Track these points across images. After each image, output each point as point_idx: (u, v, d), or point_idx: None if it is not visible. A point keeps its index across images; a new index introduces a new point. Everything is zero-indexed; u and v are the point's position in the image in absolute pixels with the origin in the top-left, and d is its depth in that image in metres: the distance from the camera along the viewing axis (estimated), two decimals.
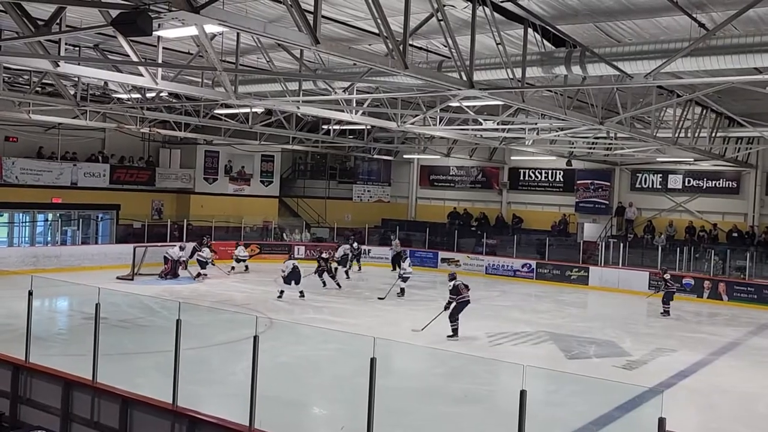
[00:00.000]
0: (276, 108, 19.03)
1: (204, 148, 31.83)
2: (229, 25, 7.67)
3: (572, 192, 31.37)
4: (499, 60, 11.73)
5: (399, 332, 16.17)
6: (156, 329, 15.10)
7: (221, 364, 12.86)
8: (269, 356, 12.26)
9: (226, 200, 32.29)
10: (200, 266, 23.80)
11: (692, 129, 20.03)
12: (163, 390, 8.30)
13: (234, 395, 9.79)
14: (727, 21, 9.25)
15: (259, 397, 7.80)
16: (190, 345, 10.25)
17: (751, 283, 23.29)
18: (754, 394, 12.41)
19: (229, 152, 32.51)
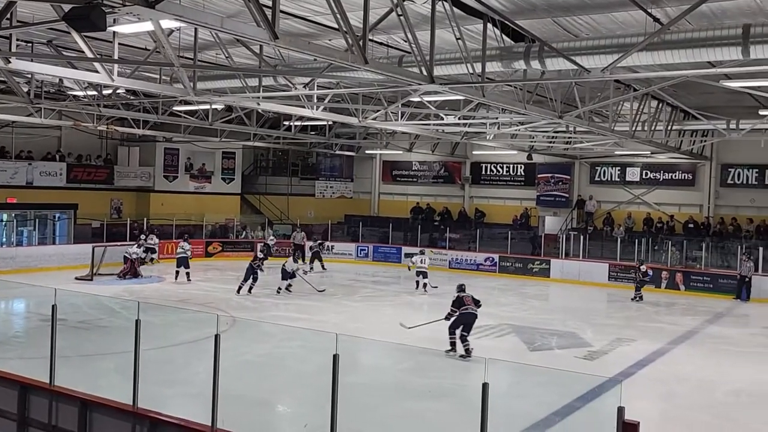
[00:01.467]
0: (236, 104, 18.83)
1: (163, 145, 31.39)
2: (186, 20, 7.56)
3: (533, 186, 31.70)
4: (459, 55, 11.78)
5: (364, 328, 16.18)
6: (116, 330, 14.83)
7: (184, 364, 12.70)
8: (233, 355, 12.16)
9: (187, 198, 31.92)
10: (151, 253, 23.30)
11: (649, 122, 20.38)
12: (123, 391, 8.16)
13: (197, 395, 9.67)
14: (680, 16, 9.40)
15: (223, 397, 7.71)
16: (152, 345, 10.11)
17: (707, 273, 23.82)
18: (712, 381, 12.69)
19: (189, 149, 32.11)
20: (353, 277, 26.14)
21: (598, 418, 8.91)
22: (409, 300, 21.09)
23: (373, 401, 10.40)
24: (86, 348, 13.17)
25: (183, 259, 22.82)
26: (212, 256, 29.28)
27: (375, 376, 11.92)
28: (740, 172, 27.07)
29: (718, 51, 10.02)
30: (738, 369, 13.63)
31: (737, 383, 12.59)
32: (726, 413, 10.91)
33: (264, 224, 32.51)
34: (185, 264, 22.74)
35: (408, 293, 22.30)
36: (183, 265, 22.70)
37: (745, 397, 11.80)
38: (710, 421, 10.47)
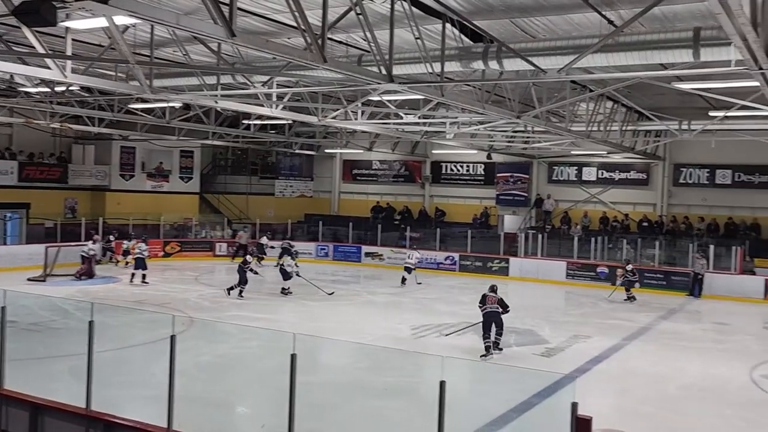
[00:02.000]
0: (194, 102, 18.62)
1: (120, 143, 30.89)
2: (140, 16, 7.45)
3: (493, 185, 32.00)
4: (418, 54, 11.83)
5: (323, 328, 16.14)
6: (69, 332, 14.53)
7: (140, 366, 12.51)
8: (190, 356, 12.06)
9: (144, 197, 31.44)
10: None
11: (604, 123, 20.73)
12: (76, 395, 8.02)
13: (153, 397, 9.51)
14: (633, 18, 9.59)
15: (181, 398, 7.64)
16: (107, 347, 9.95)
17: (661, 270, 24.34)
18: (665, 376, 12.96)
19: (146, 148, 31.64)
20: (313, 276, 25.98)
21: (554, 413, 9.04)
22: (368, 299, 21.11)
23: (332, 400, 10.39)
24: (38, 351, 12.88)
25: (140, 260, 22.38)
26: (170, 256, 28.88)
27: (334, 376, 11.90)
28: (692, 171, 27.72)
29: (670, 53, 10.25)
30: (689, 364, 13.95)
31: (688, 377, 12.89)
32: (677, 407, 11.16)
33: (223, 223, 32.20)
34: (142, 266, 22.29)
35: (368, 292, 22.33)
36: (140, 267, 22.26)
37: (696, 390, 12.08)
38: (662, 414, 10.70)
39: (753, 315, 20.50)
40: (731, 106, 16.47)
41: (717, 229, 26.68)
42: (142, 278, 21.97)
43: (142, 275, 22.02)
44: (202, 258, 28.93)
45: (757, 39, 7.69)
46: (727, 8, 6.46)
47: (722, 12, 6.57)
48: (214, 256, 29.55)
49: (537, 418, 9.48)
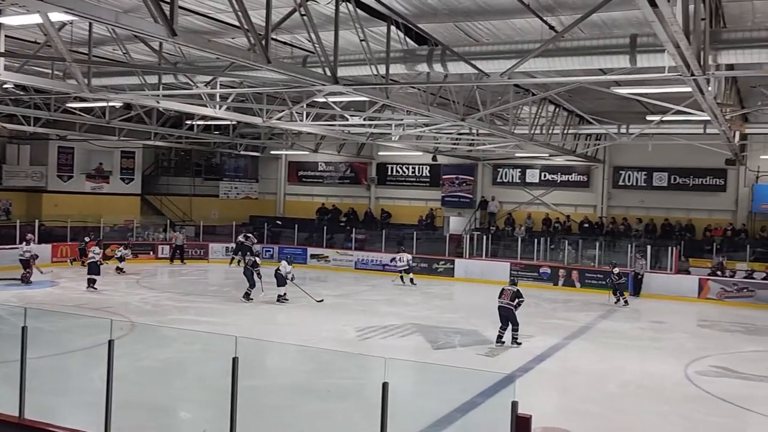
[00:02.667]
0: (135, 102, 18.25)
1: (57, 143, 30.05)
2: (77, 13, 7.26)
3: (438, 187, 32.26)
4: (363, 56, 11.84)
5: (268, 331, 16.01)
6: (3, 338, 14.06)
7: (78, 372, 12.20)
8: (131, 360, 11.81)
9: (84, 199, 30.65)
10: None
11: (546, 126, 21.12)
12: (9, 402, 7.76)
13: (92, 403, 9.27)
14: (573, 24, 9.79)
15: (121, 404, 7.47)
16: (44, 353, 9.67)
17: (601, 270, 24.89)
18: (604, 374, 13.27)
19: (85, 148, 30.83)
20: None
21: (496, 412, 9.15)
22: (313, 301, 21.00)
23: (276, 403, 10.32)
24: None
25: (92, 264, 21.50)
26: (110, 259, 28.18)
27: (278, 379, 11.82)
28: (630, 174, 28.52)
29: (608, 59, 10.50)
30: (628, 361, 14.30)
31: (627, 375, 13.22)
32: (616, 404, 11.44)
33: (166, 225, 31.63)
34: (95, 271, 21.38)
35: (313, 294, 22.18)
36: (92, 272, 21.38)
37: (634, 388, 12.39)
38: (601, 412, 10.95)
39: (688, 313, 21.16)
40: (667, 110, 16.98)
41: (654, 230, 27.48)
42: (88, 283, 21.04)
43: (90, 280, 21.09)
44: (144, 261, 28.35)
45: (689, 47, 7.95)
46: (660, 17, 6.66)
47: (656, 20, 6.77)
48: (156, 258, 28.98)
49: (480, 417, 9.59)
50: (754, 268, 23.71)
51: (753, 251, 24.84)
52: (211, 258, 29.54)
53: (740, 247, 25.32)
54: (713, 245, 25.62)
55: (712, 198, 27.33)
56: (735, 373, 13.59)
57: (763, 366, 14.20)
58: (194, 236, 30.72)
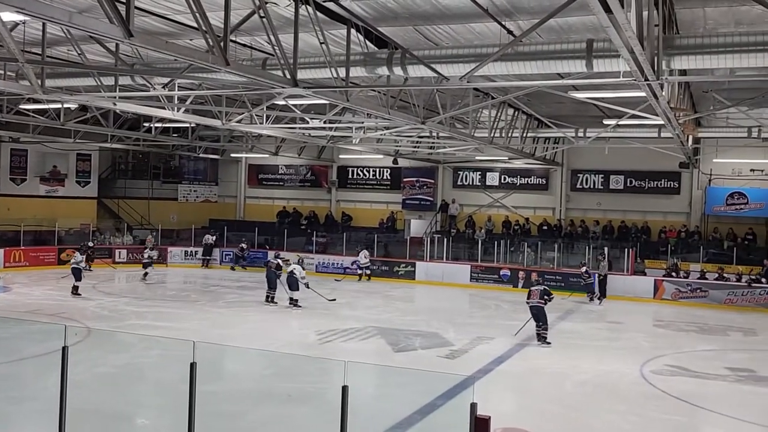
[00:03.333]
0: (91, 104, 17.92)
1: (9, 146, 29.28)
2: (29, 13, 7.11)
3: (399, 189, 32.35)
4: (323, 59, 11.82)
5: (228, 335, 15.86)
6: None
7: (32, 379, 11.94)
8: (87, 367, 11.62)
9: (38, 202, 29.93)
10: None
11: (506, 129, 21.34)
12: None
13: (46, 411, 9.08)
14: (531, 29, 9.92)
15: (77, 411, 7.34)
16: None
17: (559, 272, 25.25)
18: (562, 374, 13.44)
19: (39, 151, 30.12)
20: (217, 282, 25.57)
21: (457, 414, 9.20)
22: (275, 306, 20.88)
23: (237, 408, 10.22)
24: None
25: (75, 270, 21.11)
26: (66, 264, 27.62)
27: (238, 383, 11.72)
28: (588, 177, 28.99)
29: (565, 63, 10.65)
30: (585, 361, 14.52)
31: (585, 374, 13.41)
32: (574, 403, 11.60)
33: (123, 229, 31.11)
34: (76, 276, 21.00)
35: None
36: (75, 278, 21.00)
37: (590, 387, 12.59)
38: (559, 411, 11.09)
39: (644, 313, 21.57)
40: (622, 114, 17.29)
41: (611, 232, 27.96)
42: (72, 290, 20.73)
43: (73, 287, 20.78)
44: (101, 265, 27.84)
45: (642, 52, 8.11)
46: (615, 22, 6.79)
47: (611, 26, 6.90)
48: (113, 263, 28.49)
49: (440, 419, 9.63)
50: (707, 269, 24.28)
51: (706, 252, 25.44)
52: (170, 262, 29.15)
53: (694, 249, 25.91)
54: (668, 247, 26.16)
55: (666, 200, 27.93)
56: (689, 372, 13.90)
57: (715, 364, 14.56)
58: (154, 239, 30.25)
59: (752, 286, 22.61)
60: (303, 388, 11.65)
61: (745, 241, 26.07)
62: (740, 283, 23.01)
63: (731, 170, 26.58)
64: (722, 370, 14.05)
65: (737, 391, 12.73)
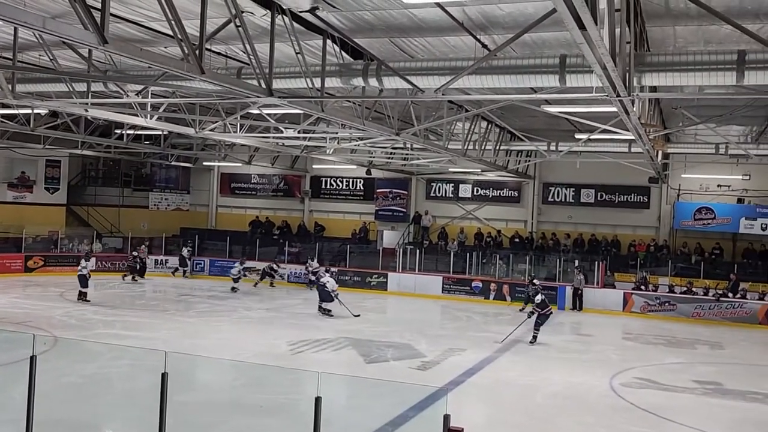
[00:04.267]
0: (62, 110, 17.71)
1: None
2: (2, 17, 7.01)
3: (372, 200, 32.38)
4: (298, 69, 11.82)
5: (199, 345, 15.70)
6: None
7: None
8: (54, 377, 11.41)
9: (5, 209, 29.41)
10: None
11: (479, 142, 21.49)
12: None
13: (11, 421, 8.92)
14: (505, 43, 10.02)
15: (44, 421, 7.21)
16: None
17: None
18: (533, 386, 13.53)
19: (7, 156, 29.60)
20: (187, 292, 25.33)
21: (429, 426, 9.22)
22: (245, 315, 20.75)
23: (207, 419, 10.12)
24: None
25: (81, 277, 21.15)
26: (33, 271, 27.21)
27: (209, 394, 11.59)
28: (559, 190, 29.29)
29: (539, 78, 10.78)
30: (555, 374, 14.62)
31: (555, 387, 13.51)
32: (544, 416, 11.67)
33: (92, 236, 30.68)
34: (82, 283, 21.12)
35: (245, 308, 21.93)
36: (81, 284, 21.07)
37: (560, 399, 12.68)
38: (529, 423, 11.16)
39: (613, 326, 21.80)
40: (594, 129, 17.52)
41: (582, 245, 28.24)
42: (78, 296, 21.00)
43: (79, 293, 21.05)
44: (69, 273, 27.39)
45: (615, 68, 8.24)
46: (588, 39, 6.89)
47: (584, 42, 7.00)
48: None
49: (412, 430, 9.63)
50: (675, 283, 24.64)
51: (674, 266, 25.84)
52: None
53: (662, 263, 26.30)
54: (637, 260, 26.52)
55: (636, 214, 28.31)
56: (657, 384, 14.07)
57: (683, 377, 14.76)
58: (121, 248, 29.92)
59: (719, 300, 22.97)
60: (275, 399, 11.56)
61: (712, 256, 26.52)
62: (708, 297, 23.37)
63: (699, 186, 27.06)
64: (690, 383, 14.25)
65: (704, 404, 12.91)
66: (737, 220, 25.94)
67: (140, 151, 28.40)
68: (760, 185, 26.20)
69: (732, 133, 21.95)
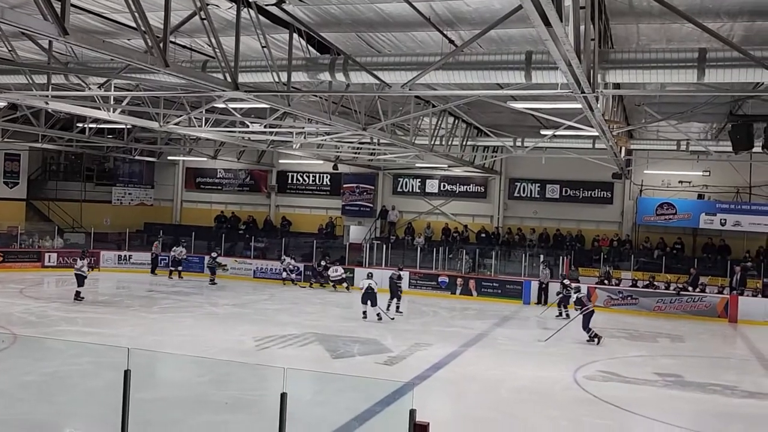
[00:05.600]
0: (21, 102, 17.32)
1: None
2: None
3: (339, 195, 32.32)
4: (264, 63, 11.73)
5: (163, 342, 15.51)
6: None
7: None
8: (13, 375, 11.21)
9: None
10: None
11: (446, 137, 21.57)
12: None
13: None
14: (472, 39, 10.06)
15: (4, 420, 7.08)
16: None
17: (497, 279, 25.63)
18: (498, 379, 13.64)
19: None
20: (152, 287, 25.02)
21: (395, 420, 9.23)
22: (210, 311, 20.57)
23: (171, 416, 10.01)
24: None
25: (79, 276, 20.84)
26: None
27: (173, 391, 11.45)
28: (525, 186, 29.56)
29: (505, 74, 10.83)
30: (520, 368, 14.75)
31: (520, 381, 13.63)
32: (509, 409, 11.78)
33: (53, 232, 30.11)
34: (79, 282, 20.81)
35: (210, 303, 21.74)
36: (78, 283, 20.81)
37: (526, 394, 12.78)
38: (494, 417, 11.25)
39: (578, 321, 21.99)
40: (559, 125, 17.70)
41: (547, 240, 28.54)
42: (75, 295, 20.74)
43: (76, 292, 20.76)
44: (29, 269, 26.91)
45: (579, 65, 8.32)
46: (554, 36, 6.94)
47: (550, 39, 7.05)
48: (42, 267, 27.55)
49: (379, 425, 9.64)
50: (638, 277, 25.03)
51: (637, 261, 26.26)
52: (103, 266, 28.33)
53: (625, 257, 26.73)
54: (601, 255, 26.90)
55: (600, 210, 28.70)
56: (620, 377, 14.28)
57: (645, 370, 15.01)
58: (84, 243, 29.40)
59: (680, 294, 23.41)
60: (240, 395, 11.48)
61: (673, 251, 27.01)
62: (669, 291, 23.80)
63: (661, 182, 27.54)
64: (652, 376, 14.49)
65: (666, 396, 13.14)
66: (697, 216, 26.47)
67: (103, 144, 27.91)
68: (719, 181, 26.76)
69: (693, 130, 22.34)
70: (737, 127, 17.12)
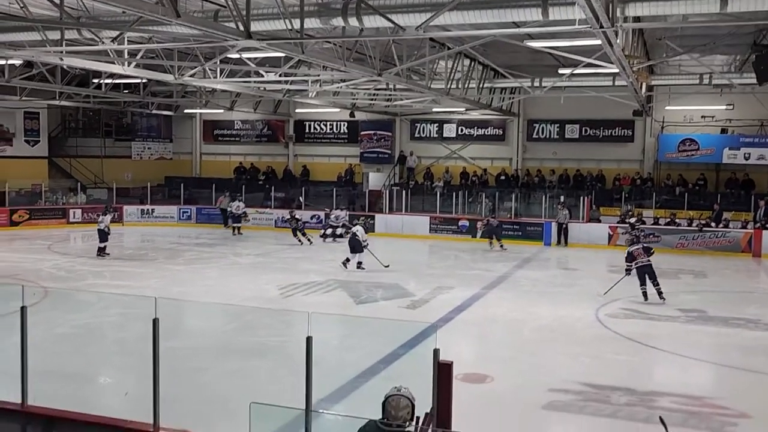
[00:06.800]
0: (36, 60, 17.31)
1: None
2: None
3: (357, 143, 32.22)
4: (277, 10, 11.58)
5: (189, 292, 15.79)
6: None
7: None
8: (45, 328, 11.49)
9: None
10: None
11: (462, 80, 21.30)
12: None
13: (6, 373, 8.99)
14: None
15: (36, 372, 7.24)
16: None
17: (517, 222, 25.63)
18: (520, 320, 13.76)
19: None
20: (175, 240, 25.35)
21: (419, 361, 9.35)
22: (234, 261, 20.85)
23: (199, 364, 10.25)
24: None
25: (101, 232, 20.94)
26: (18, 225, 27.07)
27: (200, 339, 11.73)
28: (544, 126, 29.23)
29: (521, 12, 10.62)
30: (541, 308, 14.84)
31: (542, 320, 13.74)
32: (531, 348, 11.89)
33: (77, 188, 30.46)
34: (104, 238, 20.93)
35: (234, 254, 22.02)
36: (100, 239, 20.90)
37: (547, 332, 12.90)
38: (517, 356, 11.38)
39: (599, 260, 22.07)
40: (577, 63, 17.37)
41: (567, 181, 28.37)
42: (98, 251, 20.84)
43: (99, 248, 20.84)
44: (55, 226, 27.32)
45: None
46: None
47: None
48: (67, 223, 27.97)
49: (403, 367, 9.80)
50: (660, 215, 24.88)
51: (658, 199, 26.06)
52: (126, 221, 28.71)
53: (647, 196, 26.52)
54: (622, 194, 26.73)
55: (620, 148, 28.36)
56: (641, 314, 14.35)
57: (667, 306, 15.04)
58: (106, 199, 29.75)
59: (703, 231, 23.28)
60: (265, 341, 11.72)
61: (696, 187, 26.75)
62: (691, 227, 23.66)
63: (683, 117, 27.08)
64: (674, 312, 14.54)
65: (688, 331, 13.21)
66: (720, 151, 26.09)
67: (120, 100, 27.97)
68: (743, 115, 26.26)
69: (716, 63, 21.85)
70: (761, 58, 16.69)
